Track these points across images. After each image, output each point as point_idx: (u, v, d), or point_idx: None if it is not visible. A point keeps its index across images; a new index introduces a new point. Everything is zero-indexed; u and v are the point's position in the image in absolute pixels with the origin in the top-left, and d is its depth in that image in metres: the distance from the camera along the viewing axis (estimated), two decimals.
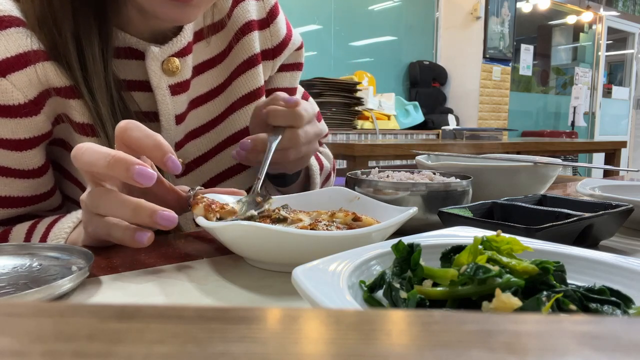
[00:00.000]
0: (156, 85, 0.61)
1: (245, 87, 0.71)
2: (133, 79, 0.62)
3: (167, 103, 0.62)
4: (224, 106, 0.71)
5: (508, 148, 2.92)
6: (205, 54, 0.68)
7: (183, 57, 0.63)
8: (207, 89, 0.69)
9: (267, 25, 0.73)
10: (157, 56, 0.61)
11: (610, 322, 0.14)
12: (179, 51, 0.62)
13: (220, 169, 0.71)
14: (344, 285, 0.29)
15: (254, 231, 0.41)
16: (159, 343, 0.12)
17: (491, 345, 0.12)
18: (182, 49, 0.62)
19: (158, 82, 0.61)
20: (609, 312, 0.26)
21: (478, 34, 4.75)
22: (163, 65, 0.61)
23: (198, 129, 0.69)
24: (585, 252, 0.35)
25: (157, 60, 0.61)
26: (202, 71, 0.68)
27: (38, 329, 0.13)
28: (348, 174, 0.66)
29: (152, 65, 0.61)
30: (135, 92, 0.62)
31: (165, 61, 0.61)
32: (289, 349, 0.12)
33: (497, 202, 0.57)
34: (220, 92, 0.70)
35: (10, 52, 0.53)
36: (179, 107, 0.64)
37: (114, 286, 0.41)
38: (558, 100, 6.38)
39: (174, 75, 0.62)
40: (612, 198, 0.60)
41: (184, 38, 0.63)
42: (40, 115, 0.56)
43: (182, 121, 0.66)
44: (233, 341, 0.12)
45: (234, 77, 0.71)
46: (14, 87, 0.53)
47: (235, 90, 0.71)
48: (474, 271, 0.27)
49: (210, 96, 0.70)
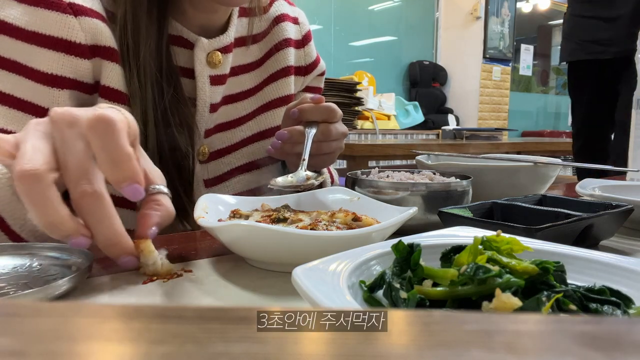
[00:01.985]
0: (199, 73, 0.67)
1: (276, 92, 0.79)
2: (180, 65, 0.68)
3: (205, 91, 0.68)
4: (254, 107, 0.77)
5: (508, 148, 2.92)
6: (243, 59, 0.76)
7: (225, 54, 0.70)
8: (240, 89, 0.76)
9: (303, 46, 0.83)
10: (205, 47, 0.67)
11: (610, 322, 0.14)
12: (222, 47, 0.69)
13: (240, 163, 0.77)
14: (344, 285, 0.29)
15: (254, 231, 0.41)
16: (159, 343, 0.12)
17: (491, 345, 0.12)
18: (225, 46, 0.69)
19: (201, 70, 0.67)
20: (609, 312, 0.26)
21: (478, 34, 4.76)
22: (208, 57, 0.68)
23: (226, 123, 0.75)
24: (585, 252, 0.35)
25: (204, 51, 0.67)
26: (238, 73, 0.75)
27: (38, 329, 0.13)
28: (348, 174, 0.66)
29: (199, 55, 0.67)
30: (181, 77, 0.68)
31: (210, 53, 0.68)
32: (289, 349, 0.12)
33: (497, 202, 0.57)
34: (252, 94, 0.77)
35: (86, 3, 0.58)
36: (215, 97, 0.70)
37: (114, 286, 0.41)
38: (558, 100, 6.38)
39: (216, 67, 0.69)
40: (612, 198, 0.60)
41: (229, 37, 0.70)
42: (89, 62, 0.59)
43: (215, 111, 0.71)
44: (233, 341, 0.12)
45: (267, 83, 0.78)
46: (81, 28, 0.57)
47: (267, 94, 0.78)
48: (474, 271, 0.27)
49: (243, 96, 0.76)
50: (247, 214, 0.52)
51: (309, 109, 0.67)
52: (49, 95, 0.57)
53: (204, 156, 0.72)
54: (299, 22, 0.83)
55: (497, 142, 3.04)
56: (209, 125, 0.71)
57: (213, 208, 0.53)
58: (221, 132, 0.74)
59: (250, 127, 0.77)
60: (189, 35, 0.67)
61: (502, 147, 2.91)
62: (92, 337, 0.12)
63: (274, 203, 0.57)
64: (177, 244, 0.54)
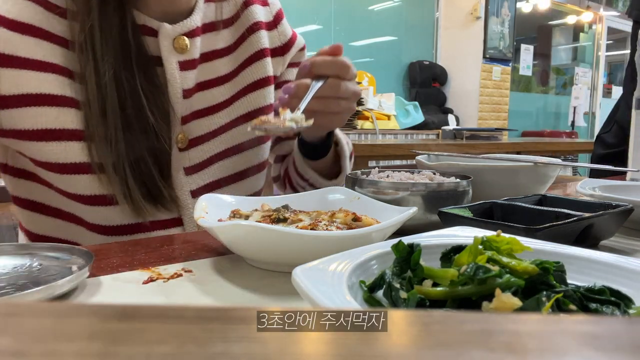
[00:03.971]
0: (166, 59, 0.67)
1: (253, 76, 0.77)
2: (151, 54, 0.68)
3: (175, 76, 0.68)
4: (231, 92, 0.76)
5: (508, 148, 2.92)
6: (215, 44, 0.75)
7: (192, 38, 0.70)
8: (215, 75, 0.75)
9: (275, 26, 0.81)
10: (169, 33, 0.67)
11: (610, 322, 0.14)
12: (188, 32, 0.69)
13: (221, 148, 0.76)
14: (344, 285, 0.29)
15: (254, 231, 0.41)
16: (159, 343, 0.12)
17: (491, 345, 0.12)
18: (191, 30, 0.69)
19: (168, 56, 0.67)
20: (609, 312, 0.26)
21: (478, 34, 4.75)
22: (174, 43, 0.68)
23: (203, 110, 0.74)
24: (585, 252, 0.35)
25: (169, 37, 0.67)
26: (211, 59, 0.74)
27: (38, 329, 0.13)
28: (348, 174, 0.66)
29: (164, 41, 0.67)
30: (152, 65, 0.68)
31: (176, 39, 0.68)
32: (289, 349, 0.12)
33: (497, 202, 0.57)
34: (228, 80, 0.76)
35: None
36: (186, 82, 0.70)
37: (114, 286, 0.41)
38: (558, 100, 6.38)
39: (183, 52, 0.69)
40: (612, 198, 0.60)
41: (193, 21, 0.70)
42: None
43: (189, 97, 0.71)
44: (233, 341, 0.12)
45: (243, 67, 0.77)
46: None
47: (244, 78, 0.77)
48: (474, 271, 0.27)
49: (218, 82, 0.75)
50: (247, 214, 0.52)
51: (320, 61, 0.64)
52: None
53: (183, 143, 0.71)
54: (268, 2, 0.82)
55: (497, 142, 3.04)
56: (185, 111, 0.71)
57: (213, 208, 0.53)
58: (199, 119, 0.73)
59: (228, 113, 0.76)
60: (152, 23, 0.67)
61: (502, 147, 2.91)
62: (92, 337, 0.12)
63: (274, 203, 0.57)
64: (177, 244, 0.54)
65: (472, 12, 4.73)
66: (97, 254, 0.48)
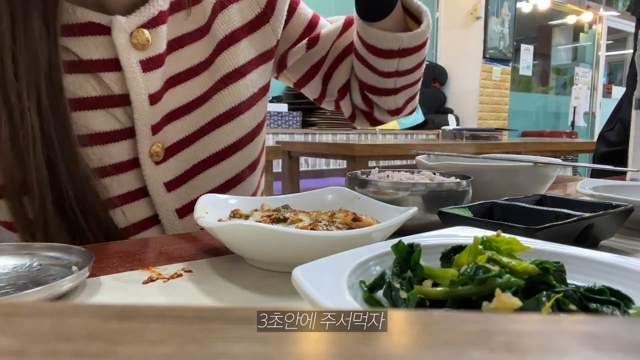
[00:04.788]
0: (125, 61, 0.56)
1: (228, 65, 0.65)
2: (100, 58, 0.56)
3: (138, 81, 0.56)
4: (208, 84, 0.64)
5: (508, 148, 2.92)
6: (184, 27, 0.62)
7: (154, 28, 0.57)
8: (187, 65, 0.62)
9: None
10: (125, 27, 0.55)
11: (610, 322, 0.14)
12: (148, 21, 0.57)
13: (205, 155, 0.64)
14: (344, 285, 0.29)
15: (254, 231, 0.41)
16: (159, 343, 0.12)
17: (491, 345, 0.12)
18: (152, 18, 0.57)
19: (127, 57, 0.56)
20: (609, 312, 0.26)
21: (478, 34, 4.76)
22: (132, 39, 0.56)
23: (177, 109, 0.62)
24: (585, 252, 0.35)
25: (125, 32, 0.55)
26: (181, 45, 0.62)
27: (38, 329, 0.13)
28: (348, 174, 0.66)
29: (120, 38, 0.55)
30: (104, 72, 0.56)
31: (134, 33, 0.56)
32: (289, 349, 0.12)
33: (497, 202, 0.57)
34: (203, 70, 0.64)
35: None
36: (152, 85, 0.58)
37: (114, 286, 0.41)
38: (558, 100, 6.38)
39: (145, 49, 0.56)
40: (612, 198, 0.60)
41: (154, 7, 0.57)
42: None
43: (157, 101, 0.59)
44: (233, 341, 0.12)
45: (218, 52, 0.65)
46: None
47: (220, 66, 0.65)
48: (474, 271, 0.27)
49: (191, 74, 0.63)
50: (247, 214, 0.52)
51: None
52: None
53: (159, 156, 0.60)
54: None
55: (497, 142, 3.04)
56: (155, 119, 0.59)
57: (213, 208, 0.53)
58: (173, 122, 0.61)
59: (207, 110, 0.64)
60: (100, 18, 0.55)
61: (502, 147, 2.91)
62: (92, 337, 0.12)
63: (274, 203, 0.57)
64: (177, 244, 0.54)
65: (472, 12, 4.74)
66: (97, 254, 0.48)
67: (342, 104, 0.81)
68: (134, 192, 0.59)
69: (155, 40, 0.57)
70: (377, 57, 0.69)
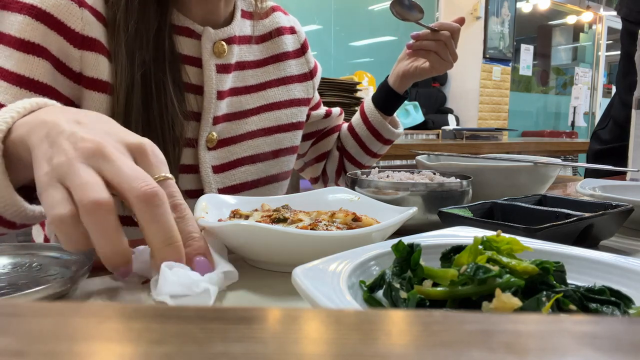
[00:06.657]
0: (206, 61, 0.73)
1: (279, 96, 0.85)
2: (187, 55, 0.73)
3: (211, 78, 0.73)
4: (258, 103, 0.82)
5: (508, 148, 2.92)
6: (248, 56, 0.82)
7: (230, 45, 0.76)
8: (245, 84, 0.81)
9: (303, 53, 0.90)
10: (212, 37, 0.73)
11: (610, 322, 0.14)
12: (227, 38, 0.75)
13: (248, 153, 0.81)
14: (344, 285, 0.29)
15: (254, 231, 0.41)
16: (159, 343, 0.12)
17: (491, 345, 0.12)
18: (230, 37, 0.76)
19: (208, 59, 0.73)
20: (609, 312, 0.26)
21: (478, 34, 4.75)
22: (214, 47, 0.74)
23: (233, 114, 0.79)
24: (585, 252, 0.35)
25: (211, 41, 0.73)
26: (244, 68, 0.81)
27: (38, 329, 0.13)
28: (348, 174, 0.66)
29: (206, 44, 0.73)
30: (188, 65, 0.72)
31: (216, 43, 0.74)
32: (289, 349, 0.12)
33: (497, 202, 0.57)
34: (256, 91, 0.82)
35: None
36: (222, 84, 0.75)
37: (114, 286, 0.41)
38: (558, 100, 6.38)
39: (221, 56, 0.75)
40: (612, 198, 0.60)
41: (233, 30, 0.76)
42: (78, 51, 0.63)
43: (223, 99, 0.76)
44: (233, 341, 0.12)
45: (270, 86, 0.84)
46: (81, 18, 0.62)
47: (270, 95, 0.84)
48: (474, 271, 0.27)
49: (247, 91, 0.81)
50: (247, 214, 0.52)
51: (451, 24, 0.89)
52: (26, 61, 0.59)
53: (213, 143, 0.75)
54: (295, 31, 0.90)
55: (497, 142, 3.04)
56: (217, 112, 0.75)
57: (213, 208, 0.53)
58: (229, 122, 0.78)
59: (255, 121, 0.81)
60: (194, 27, 0.72)
61: (502, 147, 2.91)
62: (92, 337, 0.12)
63: (274, 203, 0.57)
64: None
65: (472, 12, 4.73)
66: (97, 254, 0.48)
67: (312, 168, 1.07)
68: (187, 166, 0.74)
69: (229, 52, 0.76)
70: (375, 140, 1.00)
